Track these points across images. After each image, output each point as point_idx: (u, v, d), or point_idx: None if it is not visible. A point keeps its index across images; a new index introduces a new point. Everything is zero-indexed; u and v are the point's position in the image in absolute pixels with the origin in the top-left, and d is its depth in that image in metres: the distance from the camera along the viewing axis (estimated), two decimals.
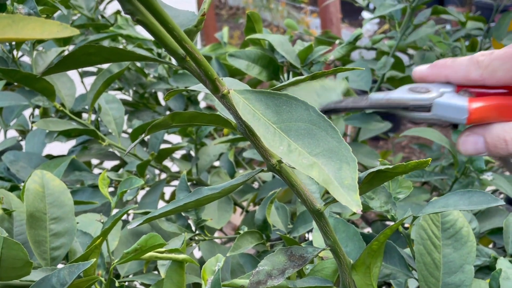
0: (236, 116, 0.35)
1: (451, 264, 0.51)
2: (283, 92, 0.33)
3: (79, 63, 0.31)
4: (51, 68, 0.31)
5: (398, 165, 0.36)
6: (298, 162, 0.30)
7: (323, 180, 0.30)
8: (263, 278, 0.40)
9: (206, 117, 0.35)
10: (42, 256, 0.55)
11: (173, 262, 0.50)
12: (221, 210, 0.79)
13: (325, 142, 0.31)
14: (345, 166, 0.30)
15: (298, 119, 0.32)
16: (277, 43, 0.68)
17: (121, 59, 0.32)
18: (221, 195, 0.38)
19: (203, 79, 0.33)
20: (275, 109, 0.33)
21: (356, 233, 0.51)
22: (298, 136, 0.32)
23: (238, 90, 0.34)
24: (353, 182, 0.30)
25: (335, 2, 3.12)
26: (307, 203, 0.40)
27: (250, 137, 0.36)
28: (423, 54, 0.95)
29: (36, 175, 0.57)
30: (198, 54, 0.31)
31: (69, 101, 0.72)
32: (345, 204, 0.29)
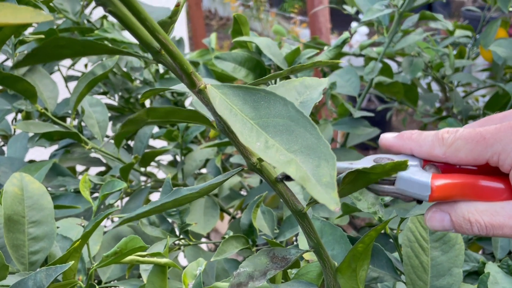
0: (214, 112, 0.33)
1: (439, 267, 0.50)
2: (261, 88, 0.32)
3: (50, 56, 0.30)
4: (21, 61, 0.29)
5: (376, 166, 0.34)
6: (275, 158, 0.29)
7: (300, 177, 0.29)
8: (244, 280, 0.39)
9: (183, 113, 0.34)
10: (20, 261, 0.54)
11: (155, 266, 0.49)
12: (207, 215, 0.77)
13: (303, 138, 0.30)
14: (323, 163, 0.29)
15: (276, 115, 0.31)
16: (264, 45, 0.67)
17: (93, 52, 0.31)
18: (199, 195, 0.37)
19: (179, 73, 0.32)
20: (253, 104, 0.32)
21: (343, 235, 0.50)
22: (276, 132, 0.31)
23: (215, 85, 0.33)
24: (331, 179, 0.29)
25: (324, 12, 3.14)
26: (289, 204, 0.39)
27: (229, 134, 0.35)
28: (411, 60, 0.95)
29: (15, 178, 0.56)
30: (173, 46, 0.30)
31: (52, 103, 0.70)
32: (323, 202, 0.28)
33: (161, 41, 0.28)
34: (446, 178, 0.36)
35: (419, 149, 0.38)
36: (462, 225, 0.36)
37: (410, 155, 0.39)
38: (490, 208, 0.35)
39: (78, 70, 1.05)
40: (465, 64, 1.08)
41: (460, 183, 0.36)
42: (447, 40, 1.22)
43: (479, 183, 0.36)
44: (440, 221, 0.37)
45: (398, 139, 0.39)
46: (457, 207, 0.36)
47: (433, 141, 0.37)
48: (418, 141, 0.38)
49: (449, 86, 1.05)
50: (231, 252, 0.59)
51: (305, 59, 0.68)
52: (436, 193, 0.35)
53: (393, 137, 0.39)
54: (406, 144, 0.39)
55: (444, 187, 0.36)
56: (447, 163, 0.37)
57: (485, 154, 0.35)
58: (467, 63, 1.08)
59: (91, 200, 0.57)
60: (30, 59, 0.29)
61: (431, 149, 0.37)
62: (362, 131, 0.81)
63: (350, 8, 1.26)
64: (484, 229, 0.35)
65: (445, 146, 0.36)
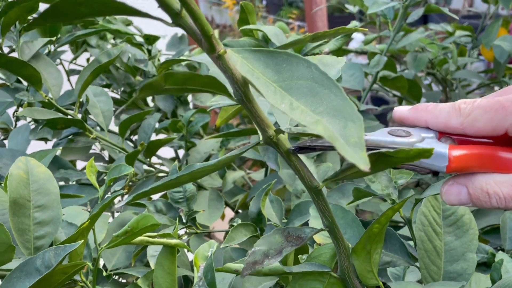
0: (232, 80, 0.33)
1: (453, 252, 0.49)
2: (283, 50, 0.31)
3: (67, 14, 0.29)
4: (37, 19, 0.28)
5: (399, 151, 0.34)
6: (302, 119, 0.29)
7: (329, 136, 0.28)
8: (259, 258, 0.38)
9: (201, 80, 0.33)
10: (25, 245, 0.52)
11: (164, 248, 0.48)
12: (211, 207, 0.76)
13: (328, 100, 0.30)
14: (350, 124, 0.29)
15: (300, 77, 0.31)
16: (272, 34, 0.66)
17: (111, 12, 0.30)
18: (216, 168, 0.36)
19: (199, 37, 0.31)
20: (275, 68, 0.31)
21: (355, 219, 0.49)
22: (300, 95, 0.30)
23: (235, 49, 0.32)
24: (359, 140, 0.28)
25: (322, 17, 3.15)
26: (305, 180, 0.38)
27: (247, 104, 0.34)
28: (415, 55, 0.95)
29: (20, 161, 0.55)
30: (195, 5, 0.29)
31: (56, 91, 0.69)
32: (352, 161, 0.27)
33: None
34: (464, 149, 0.35)
35: (435, 121, 0.37)
36: (480, 197, 0.35)
37: (425, 127, 0.37)
38: (509, 179, 0.34)
39: (80, 64, 1.04)
40: (467, 62, 1.08)
41: (478, 154, 0.35)
42: (448, 39, 1.22)
43: (497, 154, 0.35)
44: (457, 194, 0.36)
45: (413, 112, 0.38)
46: (475, 179, 0.35)
47: (450, 112, 0.36)
48: (434, 113, 0.37)
49: (452, 83, 1.05)
50: (240, 239, 0.58)
51: (312, 48, 0.67)
52: (454, 163, 0.34)
53: (408, 110, 0.38)
54: (421, 116, 0.37)
55: (462, 157, 0.35)
56: (464, 135, 0.36)
57: (504, 123, 0.34)
58: (469, 60, 1.09)
59: (97, 185, 0.56)
60: (46, 17, 0.28)
61: (447, 120, 0.36)
62: (368, 124, 0.80)
63: (352, 7, 1.26)
64: (503, 201, 0.34)
65: (462, 117, 0.35)
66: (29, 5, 0.60)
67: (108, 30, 0.85)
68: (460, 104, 0.36)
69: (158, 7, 0.29)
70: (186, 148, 0.82)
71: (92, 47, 0.95)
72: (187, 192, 0.60)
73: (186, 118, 0.78)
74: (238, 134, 0.77)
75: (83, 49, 0.95)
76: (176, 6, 0.29)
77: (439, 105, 0.37)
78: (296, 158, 0.38)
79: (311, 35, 0.33)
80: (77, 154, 0.88)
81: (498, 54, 1.06)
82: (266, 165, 0.86)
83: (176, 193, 0.60)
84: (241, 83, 0.32)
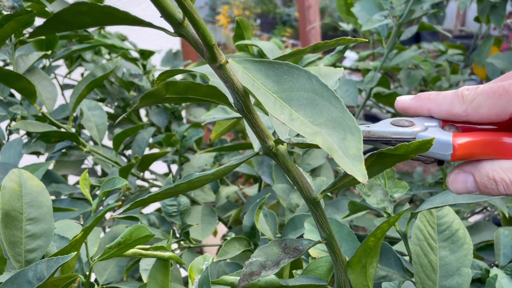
0: (233, 90, 0.33)
1: (448, 267, 0.49)
2: (285, 62, 0.32)
3: (70, 23, 0.29)
4: (40, 27, 0.28)
5: (400, 146, 0.34)
6: (301, 130, 0.29)
7: (327, 147, 0.28)
8: (256, 269, 0.38)
9: (202, 89, 0.33)
10: (16, 259, 0.52)
11: (157, 261, 0.47)
12: (205, 222, 0.76)
13: (328, 112, 0.30)
14: (349, 136, 0.29)
15: (300, 89, 0.31)
16: (267, 49, 0.67)
17: (114, 21, 0.30)
18: (214, 177, 0.36)
19: (201, 46, 0.31)
20: (275, 78, 0.31)
21: (350, 233, 0.49)
22: (300, 106, 0.30)
23: (236, 59, 0.32)
24: (358, 152, 0.28)
25: (316, 36, 3.18)
26: (303, 191, 0.38)
27: (247, 115, 0.34)
28: (408, 72, 0.96)
29: (13, 173, 0.54)
30: (197, 15, 0.29)
31: (50, 104, 0.69)
32: (351, 173, 0.27)
33: (186, 8, 0.28)
34: (468, 136, 0.35)
35: (438, 109, 0.36)
36: (487, 184, 0.34)
37: (429, 116, 0.37)
38: None
39: (74, 79, 1.04)
40: (460, 79, 1.09)
41: (482, 141, 0.35)
42: (441, 57, 1.23)
43: (502, 140, 0.34)
44: (463, 182, 0.35)
45: (416, 100, 0.38)
46: (481, 167, 0.34)
47: (453, 99, 0.36)
48: (437, 101, 0.36)
49: None
50: (233, 253, 0.58)
51: (307, 63, 0.68)
52: (459, 151, 0.34)
53: (410, 99, 0.38)
54: (424, 105, 0.37)
55: (467, 145, 0.34)
56: (468, 123, 0.36)
57: (508, 108, 0.33)
58: (462, 78, 1.10)
59: (90, 198, 0.55)
60: (49, 26, 0.28)
61: (451, 107, 0.36)
62: None
63: (346, 25, 1.28)
64: (510, 187, 0.33)
65: (465, 104, 0.35)
66: (24, 19, 0.60)
67: (103, 44, 0.85)
68: (463, 91, 0.35)
69: (161, 16, 0.29)
70: (180, 162, 0.81)
71: (87, 62, 0.95)
72: (181, 205, 0.60)
73: (181, 132, 0.78)
74: (232, 148, 0.77)
75: (78, 64, 0.95)
76: (179, 16, 0.30)
77: (442, 93, 0.37)
78: (295, 169, 0.38)
79: (312, 46, 0.33)
80: (70, 168, 0.87)
81: (491, 72, 1.07)
82: (260, 180, 0.86)
83: (170, 207, 0.60)
84: (241, 93, 0.32)
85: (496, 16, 0.97)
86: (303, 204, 0.66)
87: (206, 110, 1.04)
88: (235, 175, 1.05)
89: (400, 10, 0.84)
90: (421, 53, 1.18)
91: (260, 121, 0.35)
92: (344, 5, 1.14)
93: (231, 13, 5.11)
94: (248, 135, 0.52)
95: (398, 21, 0.85)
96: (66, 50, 0.87)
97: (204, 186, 0.88)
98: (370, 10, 0.88)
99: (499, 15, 0.98)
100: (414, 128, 0.36)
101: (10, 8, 0.55)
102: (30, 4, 0.60)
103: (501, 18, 1.04)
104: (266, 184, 0.88)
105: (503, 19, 1.05)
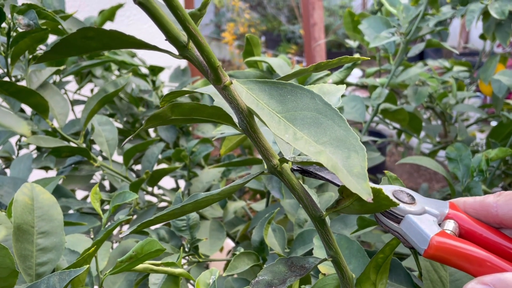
0: (237, 111, 0.33)
1: (458, 283, 0.49)
2: (288, 82, 0.32)
3: (77, 48, 0.29)
4: (47, 52, 0.29)
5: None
6: (305, 149, 0.29)
7: (332, 166, 0.28)
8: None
9: (207, 110, 0.33)
10: (27, 272, 0.52)
11: (167, 277, 0.47)
12: (213, 237, 0.76)
13: (332, 131, 0.30)
14: (353, 154, 0.29)
15: (304, 108, 0.31)
16: (276, 65, 0.68)
17: (121, 45, 0.30)
18: (220, 197, 0.36)
19: (205, 68, 0.32)
20: (279, 98, 0.32)
21: (360, 249, 0.49)
22: (304, 125, 0.31)
23: (240, 80, 0.33)
24: (362, 170, 0.28)
25: (321, 52, 3.20)
26: (309, 209, 0.39)
27: (252, 134, 0.35)
28: (415, 88, 0.97)
29: (25, 187, 0.55)
30: (202, 38, 0.30)
31: (62, 119, 0.70)
32: (355, 192, 0.27)
33: (191, 32, 0.29)
34: (452, 239, 0.33)
35: (473, 200, 0.37)
36: None
37: (440, 206, 0.37)
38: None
39: (84, 94, 1.05)
40: (466, 96, 1.10)
41: (460, 248, 0.33)
42: (446, 74, 1.24)
43: (487, 259, 0.32)
44: None
45: None
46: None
47: (489, 196, 0.36)
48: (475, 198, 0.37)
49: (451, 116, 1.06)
50: (242, 268, 0.58)
51: (316, 80, 0.68)
52: (432, 250, 0.33)
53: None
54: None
55: (442, 246, 0.33)
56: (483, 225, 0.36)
57: None
58: (468, 95, 1.10)
59: (100, 212, 0.56)
60: (56, 51, 0.29)
61: (484, 198, 0.36)
62: (369, 155, 0.81)
63: (353, 42, 1.29)
64: None
65: (500, 196, 0.35)
66: (39, 36, 0.61)
67: (113, 61, 0.86)
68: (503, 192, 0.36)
69: (165, 39, 0.30)
70: (188, 177, 0.82)
71: (96, 78, 0.96)
72: (191, 220, 0.60)
73: (190, 148, 0.79)
74: (240, 163, 0.78)
75: (88, 80, 0.96)
76: (183, 39, 0.30)
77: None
78: (300, 187, 0.38)
79: (314, 65, 0.34)
80: (79, 183, 0.88)
81: (497, 88, 1.07)
82: (267, 195, 0.87)
83: (179, 221, 0.60)
84: (246, 113, 0.32)
85: (502, 34, 0.97)
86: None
87: (214, 125, 1.05)
88: (242, 190, 1.05)
89: (407, 27, 0.85)
90: (427, 70, 1.19)
91: (264, 140, 0.35)
92: (351, 23, 1.15)
93: (237, 30, 5.15)
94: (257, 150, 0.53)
95: (406, 38, 0.86)
96: (76, 66, 0.89)
97: None
98: (377, 28, 0.89)
99: (505, 32, 0.98)
100: (411, 208, 0.36)
101: (25, 25, 0.57)
102: (45, 22, 0.62)
103: (506, 35, 1.05)
104: (273, 199, 0.89)
105: (509, 36, 1.06)
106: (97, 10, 1.06)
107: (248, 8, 5.50)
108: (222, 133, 0.66)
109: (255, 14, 5.86)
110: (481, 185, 0.72)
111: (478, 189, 0.70)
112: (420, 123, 1.00)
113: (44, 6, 0.73)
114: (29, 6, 0.57)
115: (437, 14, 0.86)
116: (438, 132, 1.12)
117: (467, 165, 0.73)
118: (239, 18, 5.31)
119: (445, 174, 0.75)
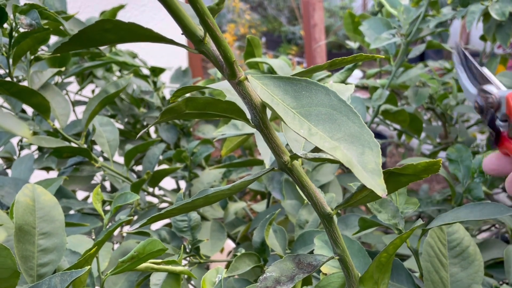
0: (250, 106, 0.33)
1: (459, 284, 0.49)
2: (303, 78, 0.32)
3: (94, 40, 0.30)
4: (64, 44, 0.29)
5: (408, 166, 0.34)
6: (320, 144, 0.29)
7: (347, 162, 0.28)
8: (271, 284, 0.38)
9: (221, 105, 0.34)
10: (28, 273, 0.52)
11: (168, 276, 0.47)
12: (214, 238, 0.76)
13: (346, 127, 0.30)
14: (367, 151, 0.29)
15: (318, 104, 0.31)
16: (277, 66, 0.68)
17: (138, 39, 0.31)
18: (231, 192, 0.37)
19: (220, 63, 0.32)
20: (294, 94, 0.32)
21: (361, 249, 0.49)
22: (318, 121, 0.31)
23: (256, 76, 0.33)
24: (376, 166, 0.29)
25: (321, 54, 3.20)
26: (317, 206, 0.39)
27: (264, 130, 0.35)
28: (416, 89, 0.97)
29: (27, 188, 0.55)
30: (219, 32, 0.30)
31: (63, 120, 0.70)
32: (370, 187, 0.28)
33: (209, 25, 0.29)
34: None
35: None
36: None
37: None
38: None
39: (85, 95, 1.05)
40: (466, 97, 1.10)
41: None
42: (447, 75, 1.24)
43: None
44: None
45: None
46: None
47: None
48: None
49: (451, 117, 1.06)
50: (243, 269, 0.58)
51: (317, 80, 0.68)
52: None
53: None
54: None
55: None
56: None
57: None
58: None
59: (102, 212, 0.56)
60: (73, 43, 0.29)
61: None
62: None
63: (353, 43, 1.29)
64: None
65: None
66: (41, 36, 0.61)
67: (115, 62, 0.86)
68: None
69: (182, 34, 0.30)
70: (189, 178, 0.82)
71: (98, 79, 0.96)
72: (192, 221, 0.60)
73: (191, 149, 0.79)
74: (242, 164, 0.78)
75: (89, 80, 0.96)
76: (200, 33, 0.30)
77: None
78: (309, 184, 0.38)
79: (329, 62, 0.34)
80: (80, 183, 0.88)
81: None
82: (268, 196, 0.87)
83: (181, 222, 0.60)
84: (259, 109, 0.33)
85: (502, 35, 0.97)
86: (312, 220, 0.66)
87: (214, 126, 1.05)
88: (242, 191, 1.05)
89: (408, 28, 0.85)
90: (428, 71, 1.19)
91: (276, 136, 0.35)
92: (351, 24, 1.15)
93: (237, 31, 5.15)
94: (260, 151, 0.53)
95: (406, 39, 0.86)
96: (78, 67, 0.89)
97: None
98: (377, 29, 0.89)
99: (505, 33, 0.98)
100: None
101: (27, 25, 0.57)
102: (47, 22, 0.62)
103: (507, 37, 1.05)
104: (274, 201, 0.89)
105: (509, 37, 1.06)
106: (98, 11, 1.06)
107: (248, 9, 5.50)
108: (223, 134, 0.66)
109: (255, 15, 5.87)
110: (482, 186, 0.72)
111: (478, 190, 0.70)
112: (421, 124, 1.00)
113: (46, 7, 0.73)
114: (31, 6, 0.57)
115: (437, 15, 0.86)
116: (438, 133, 1.12)
117: (467, 166, 0.73)
118: (240, 19, 5.31)
119: (445, 175, 0.75)
